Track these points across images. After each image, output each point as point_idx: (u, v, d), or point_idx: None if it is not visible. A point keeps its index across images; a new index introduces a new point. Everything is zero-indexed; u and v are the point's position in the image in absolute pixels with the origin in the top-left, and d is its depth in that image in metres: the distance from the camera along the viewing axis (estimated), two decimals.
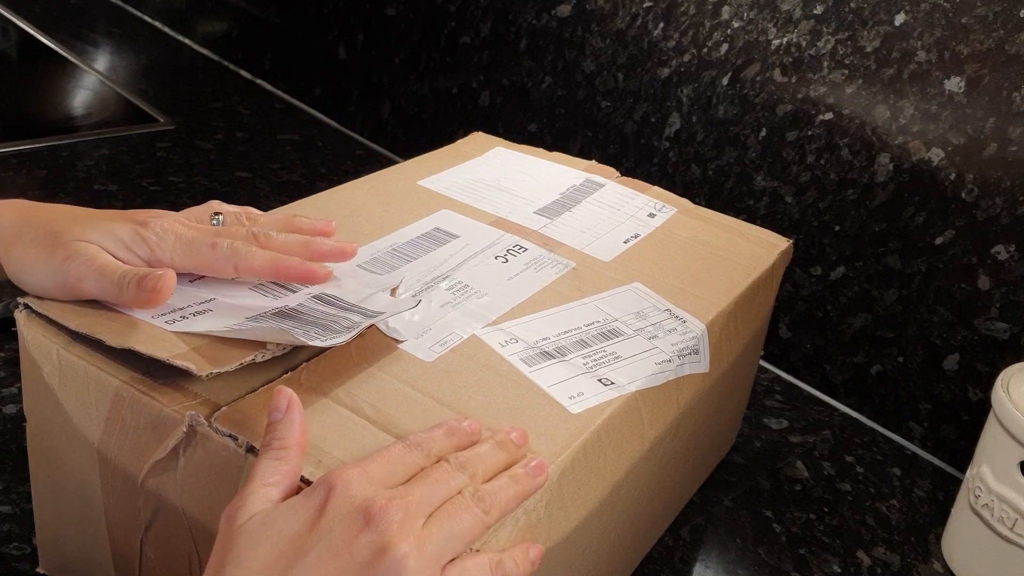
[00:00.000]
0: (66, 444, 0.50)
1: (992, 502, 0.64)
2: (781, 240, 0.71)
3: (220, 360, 0.46)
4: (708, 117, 0.92)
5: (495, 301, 0.57)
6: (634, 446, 0.52)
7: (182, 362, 0.45)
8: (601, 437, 0.49)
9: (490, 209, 0.69)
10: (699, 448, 0.66)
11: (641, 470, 0.54)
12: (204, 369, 0.45)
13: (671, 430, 0.56)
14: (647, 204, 0.73)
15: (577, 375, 0.52)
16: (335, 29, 1.29)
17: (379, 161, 1.23)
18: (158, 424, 0.45)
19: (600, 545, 0.53)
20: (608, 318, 0.58)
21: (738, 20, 0.88)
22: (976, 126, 0.75)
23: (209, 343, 0.48)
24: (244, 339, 0.48)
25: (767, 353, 0.92)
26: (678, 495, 0.68)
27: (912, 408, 0.83)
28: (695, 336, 0.58)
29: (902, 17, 0.78)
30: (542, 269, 0.62)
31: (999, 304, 0.76)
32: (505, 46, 1.09)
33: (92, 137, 1.14)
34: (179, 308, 0.50)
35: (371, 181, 0.72)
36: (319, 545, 0.38)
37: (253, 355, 0.47)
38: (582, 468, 0.48)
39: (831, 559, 0.68)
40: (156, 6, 1.59)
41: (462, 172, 0.75)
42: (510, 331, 0.55)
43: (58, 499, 0.53)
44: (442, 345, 0.53)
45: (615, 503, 0.52)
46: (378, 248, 0.61)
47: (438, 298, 0.57)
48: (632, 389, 0.52)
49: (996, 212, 0.75)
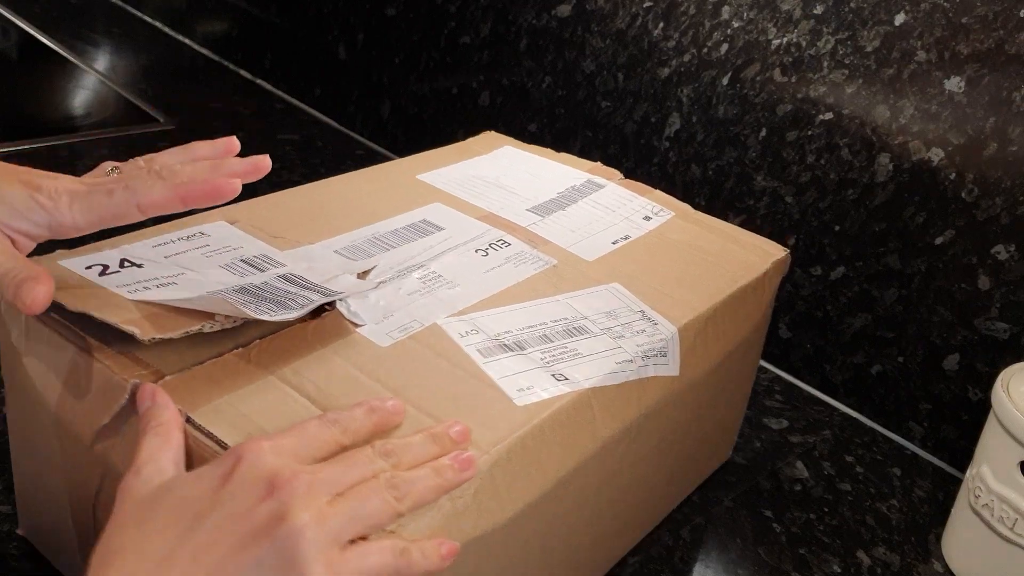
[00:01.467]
0: (31, 408, 0.51)
1: (992, 502, 0.64)
2: (778, 249, 0.70)
3: (167, 327, 0.47)
4: (708, 117, 0.92)
5: (466, 292, 0.57)
6: (583, 443, 0.52)
7: (129, 326, 0.46)
8: (545, 431, 0.48)
9: (483, 205, 0.68)
10: (677, 455, 0.65)
11: (592, 469, 0.53)
12: (148, 334, 0.46)
13: (630, 431, 0.55)
14: (644, 207, 0.72)
15: (531, 369, 0.51)
16: (335, 29, 1.29)
17: (379, 161, 1.22)
18: (107, 390, 0.46)
19: (547, 541, 0.52)
20: (577, 315, 0.57)
21: (738, 20, 0.88)
22: (976, 126, 0.75)
23: (163, 312, 0.48)
24: (196, 310, 0.48)
25: (767, 353, 0.92)
26: (656, 501, 0.66)
27: (912, 408, 0.83)
28: (664, 339, 0.57)
29: (902, 17, 0.78)
30: (521, 265, 0.61)
31: (999, 304, 0.76)
32: (505, 46, 1.09)
33: (92, 137, 1.14)
34: (145, 280, 0.51)
35: (370, 173, 0.72)
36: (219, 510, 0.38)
37: (200, 325, 0.47)
38: (520, 461, 0.47)
39: (831, 559, 0.68)
40: (156, 6, 1.59)
41: (464, 168, 0.75)
42: (474, 322, 0.54)
43: (30, 462, 0.54)
44: (401, 331, 0.52)
45: (561, 499, 0.51)
46: (359, 236, 0.61)
47: (407, 285, 0.56)
48: (586, 386, 0.51)
49: (996, 212, 0.75)
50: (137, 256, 0.54)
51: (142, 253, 0.54)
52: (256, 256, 0.56)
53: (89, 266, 0.52)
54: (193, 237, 0.57)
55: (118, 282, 0.50)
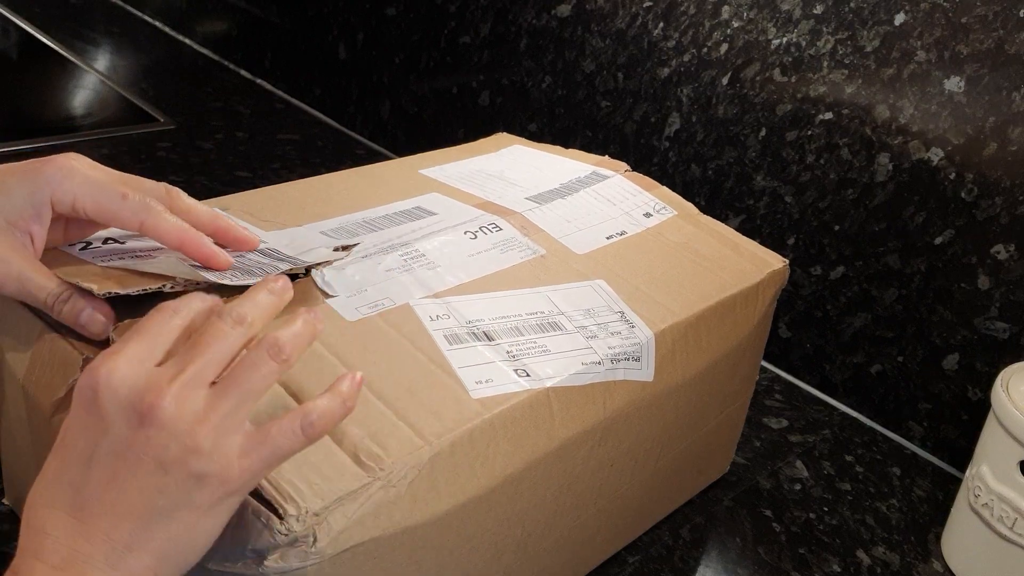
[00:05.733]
0: (7, 380, 0.52)
1: (992, 501, 0.64)
2: (776, 259, 0.67)
3: (127, 285, 0.47)
4: (708, 117, 0.92)
5: (446, 274, 0.56)
6: (537, 443, 0.50)
7: (87, 284, 0.46)
8: (495, 426, 0.47)
9: (481, 194, 0.67)
10: (656, 466, 0.62)
11: (549, 470, 0.52)
12: (104, 288, 0.46)
13: (593, 434, 0.54)
14: (647, 203, 0.70)
15: (494, 361, 0.50)
16: (335, 29, 1.29)
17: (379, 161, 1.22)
18: (65, 364, 0.47)
19: (498, 539, 0.51)
20: (554, 310, 0.56)
21: (738, 20, 0.88)
22: (976, 126, 0.75)
23: (126, 275, 0.48)
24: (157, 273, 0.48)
25: (767, 353, 0.92)
26: (632, 513, 0.64)
27: (912, 408, 0.83)
28: (638, 343, 0.55)
29: (902, 17, 0.78)
30: (509, 251, 0.60)
31: (999, 304, 0.76)
32: (505, 46, 1.09)
33: (92, 137, 1.14)
34: (120, 252, 0.51)
35: (373, 168, 0.71)
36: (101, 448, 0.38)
37: (160, 285, 0.47)
38: (464, 454, 0.46)
39: (831, 558, 0.68)
40: (156, 6, 1.59)
41: (469, 164, 0.73)
42: (448, 305, 0.53)
43: (11, 434, 0.55)
44: (371, 307, 0.52)
45: (512, 498, 0.50)
46: (348, 220, 0.60)
47: (388, 262, 0.55)
48: (547, 384, 0.50)
49: (996, 212, 0.75)
50: (122, 236, 0.53)
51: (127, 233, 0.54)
52: None
53: (72, 243, 0.52)
54: None
55: (95, 254, 0.51)
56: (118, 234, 0.53)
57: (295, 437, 0.40)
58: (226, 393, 0.39)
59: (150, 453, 0.37)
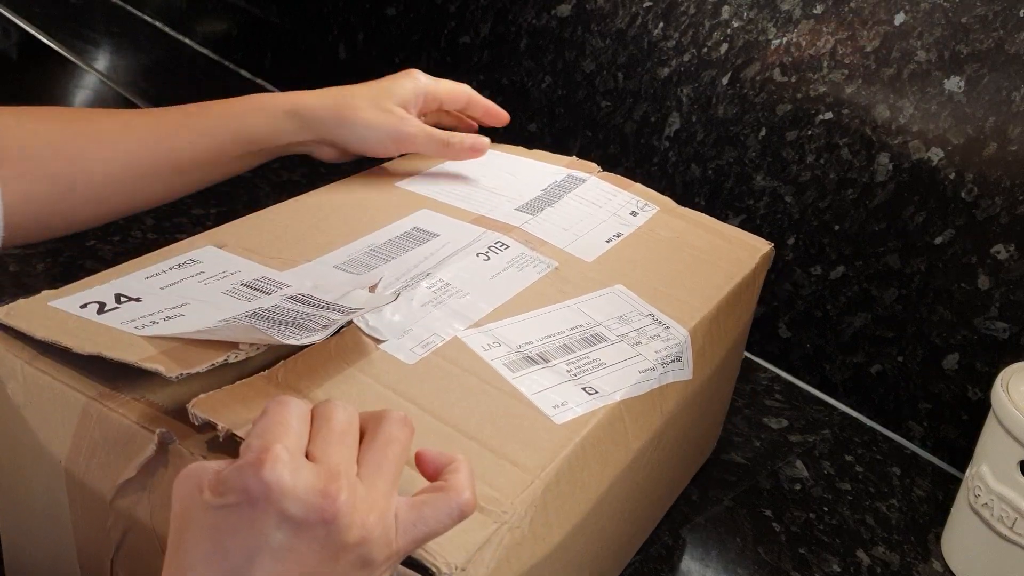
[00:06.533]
0: (32, 462, 0.48)
1: (992, 501, 0.64)
2: (763, 243, 0.70)
3: (191, 362, 0.44)
4: (708, 117, 0.92)
5: (477, 301, 0.56)
6: (618, 458, 0.51)
7: (151, 364, 0.43)
8: (586, 449, 0.47)
9: (470, 208, 0.68)
10: (681, 455, 0.65)
11: (624, 482, 0.53)
12: (174, 371, 0.43)
13: (654, 440, 0.55)
14: (629, 202, 0.72)
15: (561, 383, 0.50)
16: (335, 29, 1.29)
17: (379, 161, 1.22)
18: (127, 441, 0.43)
19: (582, 559, 0.51)
20: (591, 322, 0.56)
21: (738, 20, 0.88)
22: (976, 126, 0.75)
23: (180, 346, 0.45)
24: (216, 340, 0.45)
25: (767, 353, 0.92)
26: (657, 503, 0.66)
27: (912, 408, 0.83)
28: (678, 343, 0.56)
29: (902, 17, 0.78)
30: (524, 268, 0.60)
31: (999, 304, 0.76)
32: (505, 46, 1.09)
33: None
34: (149, 314, 0.48)
35: (347, 184, 0.70)
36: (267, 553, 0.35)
37: (226, 355, 0.44)
38: (567, 482, 0.46)
39: (831, 558, 0.68)
40: (156, 6, 1.59)
41: (440, 172, 0.74)
42: (493, 334, 0.53)
43: (26, 519, 0.51)
44: (424, 347, 0.51)
45: (599, 517, 0.51)
46: (355, 249, 0.59)
47: (419, 296, 0.55)
48: (616, 398, 0.50)
49: (996, 211, 0.75)
50: (131, 290, 0.51)
51: (135, 286, 0.51)
52: (257, 279, 0.54)
53: (84, 304, 0.49)
54: (185, 265, 0.54)
55: (121, 319, 0.47)
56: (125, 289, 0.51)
57: (450, 518, 0.39)
58: (380, 474, 0.38)
59: (327, 547, 0.36)
